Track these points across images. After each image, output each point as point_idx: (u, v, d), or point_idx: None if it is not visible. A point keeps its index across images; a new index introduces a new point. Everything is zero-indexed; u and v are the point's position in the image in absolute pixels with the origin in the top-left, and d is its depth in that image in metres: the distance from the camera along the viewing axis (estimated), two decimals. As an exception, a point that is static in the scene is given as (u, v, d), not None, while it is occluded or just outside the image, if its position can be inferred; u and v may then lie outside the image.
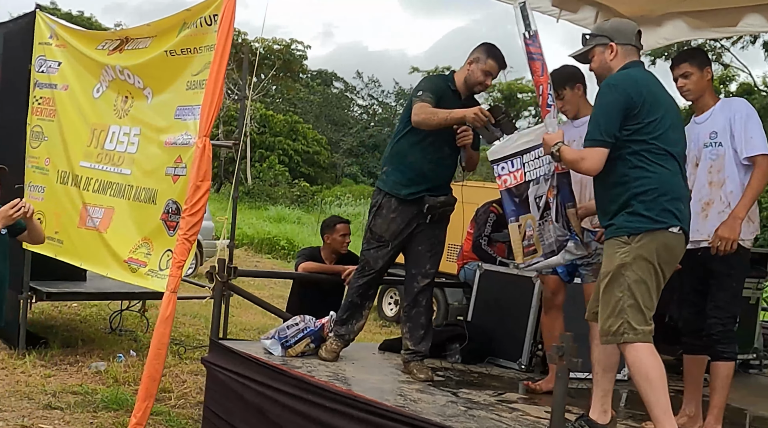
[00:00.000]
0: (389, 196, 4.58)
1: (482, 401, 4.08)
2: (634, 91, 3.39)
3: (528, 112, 37.27)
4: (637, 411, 4.34)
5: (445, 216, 4.65)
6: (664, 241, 3.34)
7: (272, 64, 35.90)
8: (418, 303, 4.61)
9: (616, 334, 3.31)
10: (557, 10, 6.51)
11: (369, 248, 4.65)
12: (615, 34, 3.60)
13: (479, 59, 4.53)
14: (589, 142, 3.43)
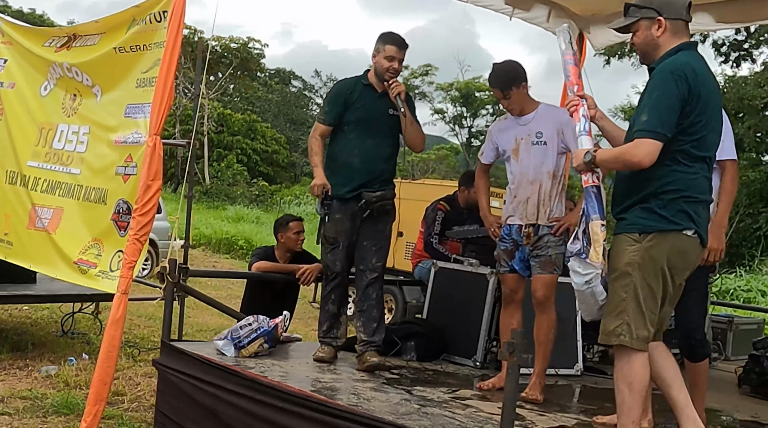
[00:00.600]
0: (331, 198, 4.68)
1: (436, 398, 4.08)
2: (694, 87, 3.14)
3: (486, 110, 37.51)
4: (589, 406, 4.38)
5: (385, 211, 4.71)
6: (676, 244, 3.17)
7: (229, 63, 35.60)
8: (369, 297, 4.73)
9: (612, 334, 3.20)
10: (510, 9, 6.56)
11: (325, 253, 4.78)
12: (664, 6, 3.28)
13: (378, 49, 4.72)
14: (645, 132, 3.11)
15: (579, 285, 3.32)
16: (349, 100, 4.72)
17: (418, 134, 4.79)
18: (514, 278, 4.54)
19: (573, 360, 5.22)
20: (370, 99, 4.71)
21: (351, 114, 4.71)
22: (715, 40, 23.65)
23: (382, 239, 4.75)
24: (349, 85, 4.82)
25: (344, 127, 4.72)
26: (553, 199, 4.39)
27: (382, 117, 4.69)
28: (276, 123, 42.38)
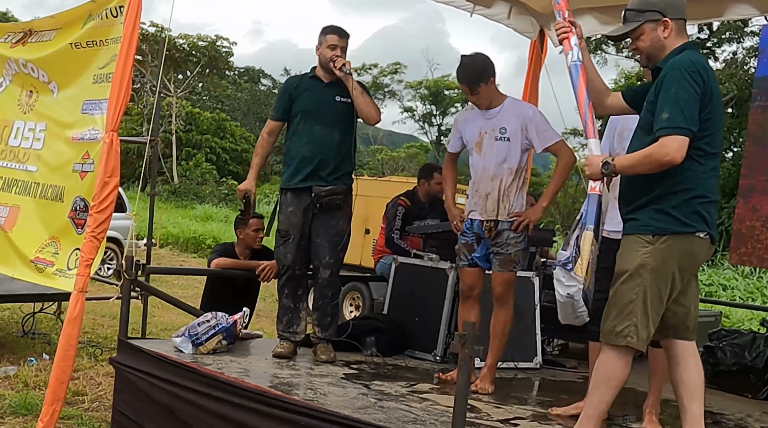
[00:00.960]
0: (285, 191, 4.81)
1: (393, 392, 4.10)
2: (707, 84, 3.12)
3: (455, 108, 37.63)
4: (546, 398, 4.43)
5: (335, 205, 4.72)
6: (689, 247, 3.14)
7: (197, 61, 35.38)
8: (325, 294, 4.80)
9: (619, 335, 3.16)
10: (471, 5, 6.60)
11: (277, 246, 4.83)
12: (667, 8, 3.24)
13: (321, 41, 4.80)
14: (670, 129, 3.04)
15: (561, 296, 3.30)
16: (294, 92, 4.83)
17: (369, 102, 4.78)
18: (473, 272, 4.56)
19: (532, 354, 5.27)
20: (316, 89, 4.79)
21: (298, 105, 4.79)
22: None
23: (335, 234, 4.74)
24: (295, 79, 5.00)
25: (293, 119, 4.81)
26: (513, 195, 4.42)
27: (330, 104, 4.74)
28: (245, 122, 42.15)
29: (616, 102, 3.61)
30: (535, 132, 4.32)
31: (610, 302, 3.22)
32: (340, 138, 4.76)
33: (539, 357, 5.30)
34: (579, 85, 3.46)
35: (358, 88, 4.73)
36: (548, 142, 4.32)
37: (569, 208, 27.90)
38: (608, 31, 3.52)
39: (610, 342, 3.21)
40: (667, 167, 3.05)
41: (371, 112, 4.77)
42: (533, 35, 7.19)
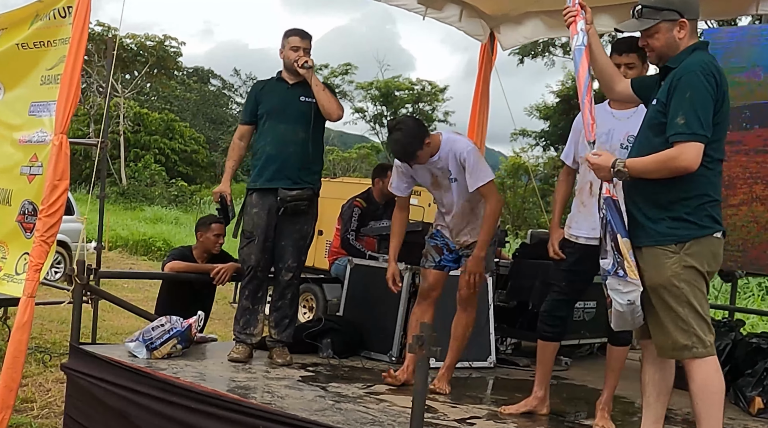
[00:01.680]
0: (250, 192, 4.84)
1: (350, 394, 4.12)
2: (721, 86, 3.06)
3: (405, 109, 37.77)
4: (501, 397, 4.49)
5: (301, 211, 4.71)
6: (711, 248, 3.11)
7: (145, 61, 34.87)
8: (284, 296, 4.85)
9: (684, 349, 3.06)
10: (423, 8, 6.65)
11: (241, 247, 4.85)
12: (684, 7, 3.15)
13: (284, 44, 4.86)
14: (687, 135, 2.97)
15: (622, 306, 3.14)
16: (259, 95, 4.90)
17: (331, 98, 4.79)
18: (437, 274, 4.58)
19: (486, 353, 5.33)
20: (281, 90, 4.86)
21: (263, 106, 4.85)
22: (622, 40, 24.46)
23: (300, 238, 4.81)
24: (261, 82, 5.07)
25: (260, 121, 4.86)
26: (478, 219, 4.44)
27: (294, 104, 4.78)
28: (195, 122, 41.70)
29: (625, 89, 3.52)
30: (468, 172, 4.27)
31: (658, 318, 3.12)
32: (304, 137, 4.77)
33: (493, 356, 5.37)
34: (580, 71, 3.38)
35: (319, 84, 4.75)
36: (479, 182, 4.25)
37: (518, 207, 28.25)
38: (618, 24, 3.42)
39: (677, 357, 3.14)
40: (683, 173, 3.01)
41: (333, 107, 4.78)
42: (483, 38, 7.28)
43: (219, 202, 4.85)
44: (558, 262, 4.10)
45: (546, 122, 31.72)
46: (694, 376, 3.07)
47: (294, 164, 4.74)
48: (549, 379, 4.15)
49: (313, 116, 4.78)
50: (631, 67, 3.87)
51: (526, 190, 29.21)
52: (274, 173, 4.73)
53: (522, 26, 7.19)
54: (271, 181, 4.73)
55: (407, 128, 4.29)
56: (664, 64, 3.23)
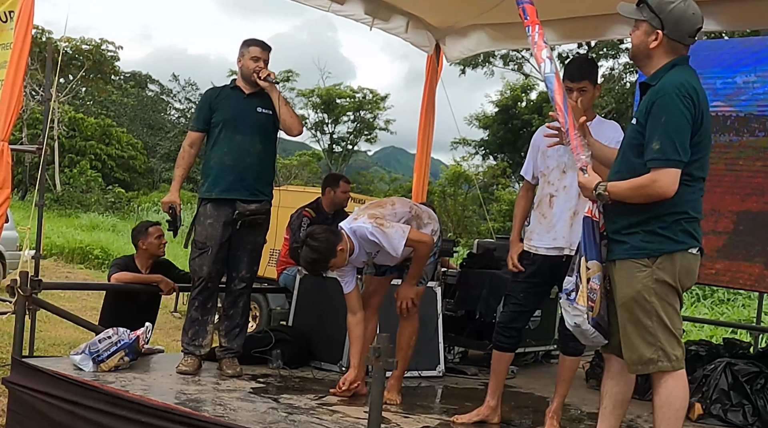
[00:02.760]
0: (204, 201, 4.78)
1: (303, 405, 4.11)
2: (698, 107, 3.04)
3: (347, 117, 37.81)
4: (451, 406, 4.53)
5: (257, 224, 4.76)
6: (685, 263, 3.10)
7: (81, 65, 34.11)
8: (236, 305, 4.84)
9: (650, 363, 3.06)
10: (370, 19, 6.69)
11: (193, 258, 4.77)
12: (670, 23, 3.13)
13: (243, 53, 4.82)
14: (661, 161, 2.98)
15: (569, 325, 3.22)
16: (214, 103, 4.83)
17: (293, 114, 4.85)
18: (376, 281, 4.63)
19: (435, 362, 5.38)
20: (238, 99, 4.81)
21: (218, 115, 4.79)
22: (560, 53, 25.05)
23: (254, 250, 4.83)
24: (216, 90, 4.99)
25: (214, 130, 4.80)
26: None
27: (251, 115, 4.76)
28: (132, 128, 40.88)
29: None
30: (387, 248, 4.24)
31: (627, 332, 3.12)
32: (260, 148, 4.78)
33: (442, 365, 5.41)
34: (555, 96, 3.43)
35: (282, 99, 4.77)
36: (400, 246, 4.22)
37: (459, 216, 28.49)
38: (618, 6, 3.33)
39: (641, 372, 3.14)
40: (657, 198, 3.02)
41: (294, 123, 4.81)
42: (429, 49, 7.36)
43: (169, 212, 4.78)
44: (516, 274, 4.16)
45: (485, 131, 32.17)
46: (658, 389, 3.10)
47: (250, 175, 4.73)
48: (501, 389, 4.21)
49: (270, 128, 4.80)
50: (583, 91, 3.97)
51: (467, 198, 29.50)
52: (231, 184, 4.70)
53: (467, 38, 7.30)
54: (227, 192, 4.70)
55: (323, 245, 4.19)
56: (635, 64, 3.27)
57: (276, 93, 4.76)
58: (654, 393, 3.13)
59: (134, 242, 5.67)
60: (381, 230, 4.24)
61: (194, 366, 4.66)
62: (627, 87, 22.69)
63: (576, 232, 3.90)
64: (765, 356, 5.12)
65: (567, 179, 4.00)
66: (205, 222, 4.72)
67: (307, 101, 37.62)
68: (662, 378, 3.08)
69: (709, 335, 11.49)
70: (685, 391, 3.13)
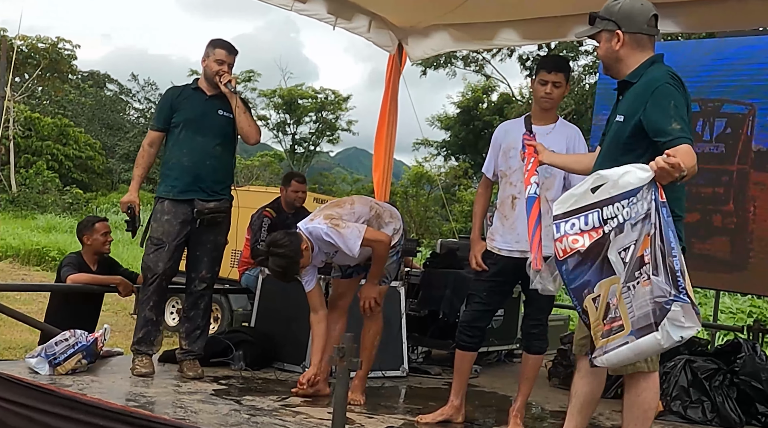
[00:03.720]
0: (161, 199, 4.71)
1: (266, 407, 4.06)
2: (686, 97, 3.07)
3: (309, 118, 37.70)
4: (415, 406, 4.53)
5: (217, 222, 4.70)
6: None
7: (37, 64, 33.51)
8: (197, 306, 4.78)
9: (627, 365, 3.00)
10: (333, 18, 6.66)
11: (148, 253, 4.69)
12: (623, 20, 3.17)
13: (208, 54, 4.76)
14: (680, 139, 2.89)
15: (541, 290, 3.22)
16: (175, 103, 4.77)
17: (251, 121, 4.80)
18: (344, 282, 4.63)
19: (399, 362, 5.36)
20: (199, 100, 4.76)
21: (179, 115, 4.73)
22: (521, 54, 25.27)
23: (214, 249, 4.78)
24: (177, 90, 4.91)
25: (174, 130, 4.75)
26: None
27: (212, 117, 4.72)
28: (90, 128, 40.25)
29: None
30: (343, 248, 4.24)
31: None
32: (220, 149, 4.75)
33: (405, 365, 5.40)
34: (530, 219, 3.52)
35: (241, 106, 4.72)
36: (356, 246, 4.21)
37: (421, 216, 28.59)
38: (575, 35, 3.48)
39: (620, 372, 3.12)
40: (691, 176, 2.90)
41: (252, 131, 4.77)
42: (392, 49, 7.35)
43: (127, 212, 4.69)
44: (479, 273, 4.15)
45: (447, 133, 32.31)
46: (630, 389, 3.10)
47: (209, 177, 4.69)
48: (465, 388, 4.21)
49: (230, 131, 4.76)
50: (557, 86, 4.02)
51: (429, 199, 29.60)
52: (189, 185, 4.65)
53: (429, 39, 7.29)
54: (186, 193, 4.66)
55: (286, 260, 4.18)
56: (613, 75, 3.27)
57: (236, 100, 4.71)
58: (626, 392, 3.14)
59: (79, 237, 5.54)
60: (336, 231, 4.23)
61: (150, 367, 4.58)
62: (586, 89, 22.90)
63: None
64: (723, 353, 5.19)
65: None
66: (162, 219, 4.65)
67: (269, 102, 37.47)
68: (635, 378, 3.09)
69: (667, 333, 11.64)
70: (656, 393, 3.14)
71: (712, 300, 10.30)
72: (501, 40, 6.99)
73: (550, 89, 4.01)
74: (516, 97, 28.58)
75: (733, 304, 13.08)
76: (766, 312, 12.73)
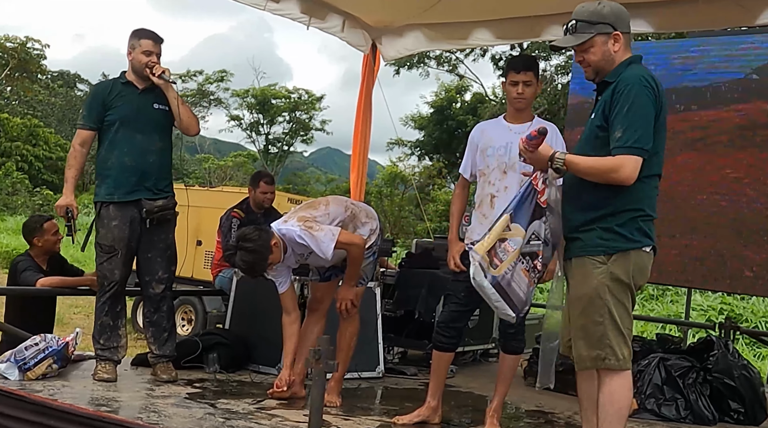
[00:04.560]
0: (105, 205, 4.55)
1: (241, 410, 4.02)
2: (659, 98, 3.07)
3: (282, 117, 37.54)
4: (391, 407, 4.51)
5: (166, 220, 4.63)
6: (638, 261, 3.11)
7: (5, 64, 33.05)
8: (159, 309, 4.69)
9: (597, 359, 3.08)
10: (306, 18, 6.62)
11: (101, 262, 4.56)
12: (618, 21, 3.15)
13: (134, 46, 4.61)
14: (625, 149, 2.99)
15: (472, 280, 3.23)
16: (107, 100, 4.59)
17: (189, 113, 4.70)
18: (323, 286, 4.59)
19: (375, 363, 5.35)
20: (132, 96, 4.60)
21: (113, 113, 4.58)
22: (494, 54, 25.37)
23: (166, 249, 4.67)
24: (107, 86, 4.71)
25: (110, 128, 4.57)
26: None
27: (148, 112, 4.59)
28: (61, 128, 39.76)
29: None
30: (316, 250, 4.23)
31: (578, 329, 3.14)
32: (161, 144, 4.63)
33: (381, 366, 5.39)
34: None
35: (178, 98, 4.60)
36: (329, 249, 4.19)
37: (396, 216, 28.58)
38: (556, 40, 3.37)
39: (589, 368, 3.14)
40: (619, 184, 3.03)
41: (191, 122, 4.69)
42: (366, 49, 7.32)
43: (66, 216, 4.53)
44: (456, 273, 4.13)
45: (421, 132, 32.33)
46: (602, 388, 3.11)
47: (153, 175, 4.57)
48: (442, 389, 4.20)
49: (168, 125, 4.66)
50: (528, 85, 4.03)
51: (403, 199, 29.60)
52: (134, 185, 4.52)
53: (403, 38, 7.28)
54: (132, 193, 4.52)
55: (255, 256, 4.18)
56: (601, 79, 3.25)
57: (172, 92, 4.58)
58: (599, 391, 3.15)
59: (28, 238, 5.40)
60: (309, 234, 4.20)
61: (114, 373, 4.49)
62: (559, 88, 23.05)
63: None
64: (696, 351, 5.23)
65: (508, 179, 4.02)
66: (110, 224, 4.51)
67: (242, 102, 37.24)
68: (608, 376, 3.10)
69: (640, 330, 11.75)
70: (628, 391, 3.15)
71: (683, 298, 10.40)
72: (475, 40, 7.00)
73: (521, 89, 4.02)
74: (489, 97, 28.67)
75: (704, 301, 13.23)
76: (737, 309, 12.88)
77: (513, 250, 3.18)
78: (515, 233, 3.18)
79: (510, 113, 4.16)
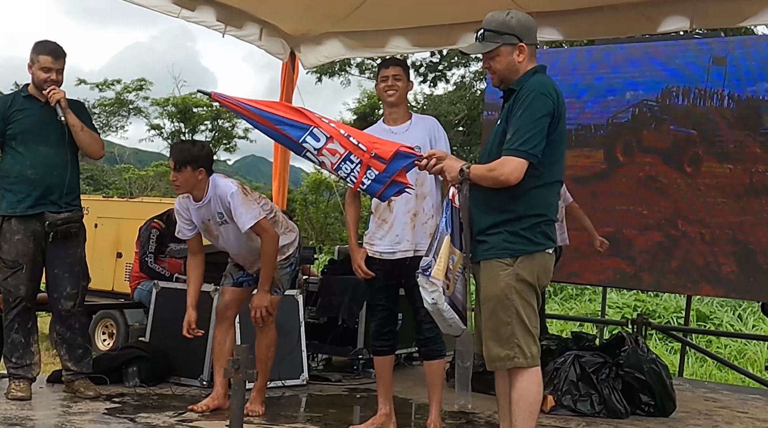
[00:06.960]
0: (7, 219, 4.45)
1: (161, 423, 3.98)
2: (558, 107, 3.18)
3: (204, 126, 37.06)
4: (315, 413, 4.53)
5: (71, 234, 4.53)
6: (542, 263, 3.23)
7: None
8: (71, 326, 4.57)
9: (505, 359, 3.17)
10: (222, 26, 6.59)
11: (5, 278, 4.44)
12: (524, 32, 3.26)
13: (33, 60, 4.50)
14: (510, 151, 3.11)
15: (428, 304, 3.27)
16: (6, 114, 4.48)
17: (93, 139, 4.61)
18: (232, 291, 4.55)
19: (299, 371, 5.35)
20: (35, 109, 4.50)
21: (15, 127, 4.47)
22: (414, 61, 25.63)
23: (74, 264, 4.56)
24: (7, 99, 4.61)
25: (11, 142, 4.47)
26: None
27: (51, 125, 4.47)
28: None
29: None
30: (234, 216, 4.26)
31: (488, 330, 3.21)
32: (66, 158, 4.52)
33: (305, 373, 5.39)
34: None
35: (77, 123, 4.48)
36: (246, 225, 4.22)
37: (321, 223, 28.55)
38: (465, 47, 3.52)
39: (499, 368, 3.24)
40: (503, 185, 3.14)
41: (95, 148, 4.63)
42: (284, 57, 7.34)
43: None
44: (370, 281, 4.15)
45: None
46: (514, 385, 3.21)
47: (59, 188, 4.46)
48: (392, 393, 4.21)
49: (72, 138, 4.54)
50: (397, 79, 4.11)
51: (328, 205, 29.58)
52: (38, 199, 4.42)
53: (322, 46, 7.33)
54: (35, 207, 4.42)
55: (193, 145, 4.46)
56: (506, 86, 3.34)
57: (71, 119, 4.47)
58: (511, 389, 3.24)
59: None
60: (241, 199, 4.23)
61: (28, 391, 4.38)
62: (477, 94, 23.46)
63: (419, 232, 4.04)
64: (608, 347, 5.41)
65: None
66: (13, 239, 4.40)
67: (162, 110, 36.59)
68: (518, 374, 3.20)
69: (559, 329, 12.05)
70: (539, 386, 3.26)
71: (600, 296, 10.72)
72: (392, 47, 7.10)
73: (391, 82, 4.09)
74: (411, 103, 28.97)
75: (619, 299, 13.65)
76: (650, 306, 13.34)
77: (455, 268, 3.27)
78: (454, 252, 3.27)
79: (387, 116, 4.20)
